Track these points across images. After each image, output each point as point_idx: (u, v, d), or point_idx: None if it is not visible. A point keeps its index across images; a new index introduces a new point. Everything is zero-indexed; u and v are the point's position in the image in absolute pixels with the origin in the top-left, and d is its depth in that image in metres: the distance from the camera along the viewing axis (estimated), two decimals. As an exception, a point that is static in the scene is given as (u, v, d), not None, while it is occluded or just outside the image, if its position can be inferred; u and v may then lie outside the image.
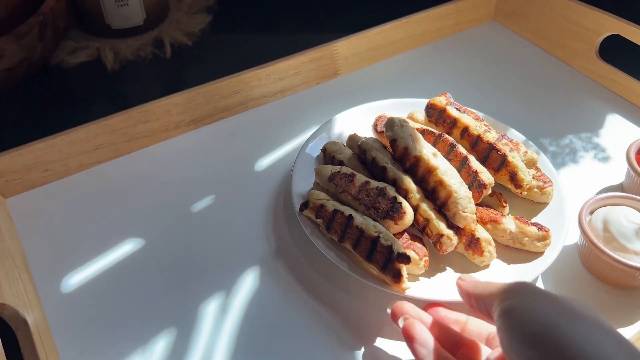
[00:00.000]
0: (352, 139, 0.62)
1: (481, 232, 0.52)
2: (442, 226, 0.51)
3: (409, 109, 0.67)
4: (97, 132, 0.61)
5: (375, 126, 0.66)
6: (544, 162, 0.60)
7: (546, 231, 0.52)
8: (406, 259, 0.47)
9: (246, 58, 0.75)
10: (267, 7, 0.99)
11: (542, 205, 0.57)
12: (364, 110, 0.67)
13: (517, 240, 0.52)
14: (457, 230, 0.52)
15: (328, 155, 0.60)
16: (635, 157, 0.58)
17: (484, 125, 0.60)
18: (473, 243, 0.51)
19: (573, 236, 0.56)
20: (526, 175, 0.56)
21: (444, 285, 0.49)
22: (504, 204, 0.56)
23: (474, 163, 0.56)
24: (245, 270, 0.53)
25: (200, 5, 0.95)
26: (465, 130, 0.60)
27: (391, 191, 0.52)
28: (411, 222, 0.51)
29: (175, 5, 0.93)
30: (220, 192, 0.61)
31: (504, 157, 0.56)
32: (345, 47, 0.77)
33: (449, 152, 0.57)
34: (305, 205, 0.53)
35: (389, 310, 0.44)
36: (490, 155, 0.57)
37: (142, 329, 0.48)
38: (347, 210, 0.51)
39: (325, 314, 0.49)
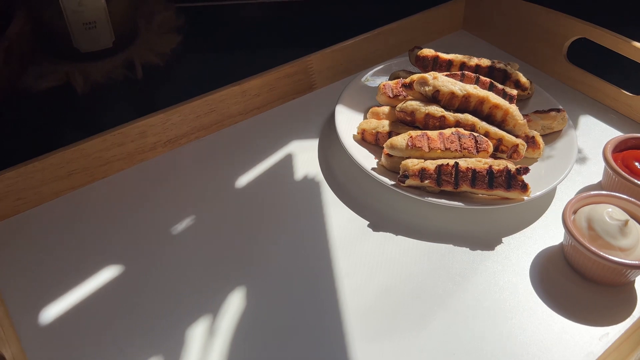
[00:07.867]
0: (374, 112, 0.67)
1: (532, 131, 0.63)
2: (514, 138, 0.60)
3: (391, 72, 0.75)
4: (70, 158, 0.60)
5: (384, 94, 0.67)
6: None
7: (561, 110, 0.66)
8: (525, 170, 0.55)
9: (220, 76, 0.74)
10: (237, 25, 0.99)
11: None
12: (352, 93, 0.71)
13: (546, 128, 0.65)
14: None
15: (369, 136, 0.64)
16: (611, 156, 0.59)
17: (474, 57, 0.69)
18: (530, 141, 0.62)
19: (558, 237, 0.56)
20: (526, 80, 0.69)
21: None
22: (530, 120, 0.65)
23: (497, 84, 0.65)
24: (231, 291, 0.51)
25: (170, 25, 0.93)
26: (463, 64, 0.68)
27: (464, 130, 0.59)
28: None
29: (145, 26, 0.92)
30: (200, 212, 0.59)
31: (504, 71, 0.68)
32: (319, 61, 0.77)
33: (476, 82, 0.64)
34: (405, 177, 0.56)
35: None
36: (494, 75, 0.68)
37: (126, 358, 0.46)
38: (449, 161, 0.56)
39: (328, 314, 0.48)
